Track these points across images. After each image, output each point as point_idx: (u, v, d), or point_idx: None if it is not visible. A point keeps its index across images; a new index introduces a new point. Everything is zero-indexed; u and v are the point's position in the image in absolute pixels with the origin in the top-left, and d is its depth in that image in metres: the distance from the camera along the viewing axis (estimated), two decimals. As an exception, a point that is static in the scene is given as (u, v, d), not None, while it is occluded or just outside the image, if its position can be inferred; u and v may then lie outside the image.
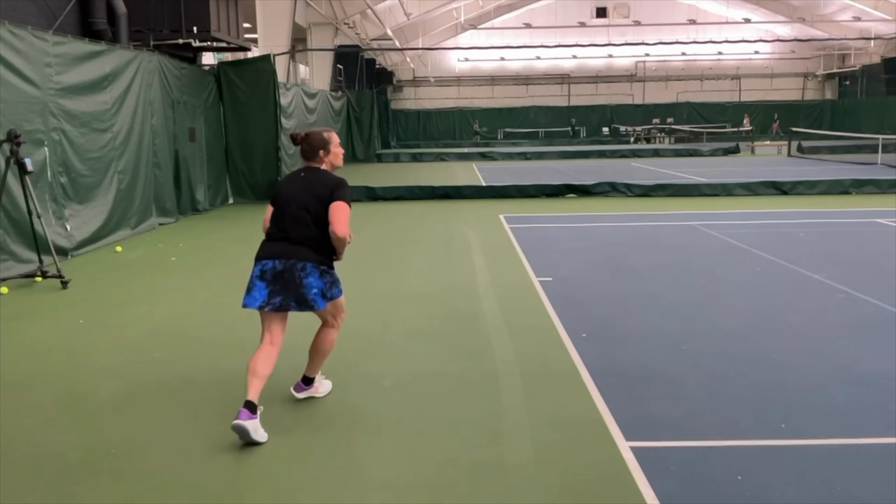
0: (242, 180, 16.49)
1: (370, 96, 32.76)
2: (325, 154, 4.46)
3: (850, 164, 24.23)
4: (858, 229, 11.51)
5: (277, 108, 16.54)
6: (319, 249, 4.32)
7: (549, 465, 3.81)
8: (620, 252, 9.73)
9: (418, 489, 3.60)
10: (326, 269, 4.37)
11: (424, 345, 5.88)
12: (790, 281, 7.90)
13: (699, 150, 32.32)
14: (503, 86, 50.34)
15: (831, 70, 49.31)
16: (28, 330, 6.57)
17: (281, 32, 22.14)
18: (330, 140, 4.48)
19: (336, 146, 4.50)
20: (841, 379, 4.93)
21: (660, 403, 4.56)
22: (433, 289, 7.70)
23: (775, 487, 3.52)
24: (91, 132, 10.57)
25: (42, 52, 9.45)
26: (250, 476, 3.77)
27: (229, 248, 10.80)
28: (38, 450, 4.09)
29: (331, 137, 4.51)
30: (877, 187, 16.36)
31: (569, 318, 6.46)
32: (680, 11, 47.80)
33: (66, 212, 9.82)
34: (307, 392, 4.74)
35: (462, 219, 12.94)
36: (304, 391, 4.73)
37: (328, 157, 4.47)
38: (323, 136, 4.48)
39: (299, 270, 4.24)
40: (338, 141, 4.54)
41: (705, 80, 49.68)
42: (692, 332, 6.06)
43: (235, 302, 7.43)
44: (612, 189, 16.60)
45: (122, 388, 5.05)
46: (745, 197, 15.91)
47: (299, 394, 4.73)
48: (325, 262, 4.35)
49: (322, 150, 4.45)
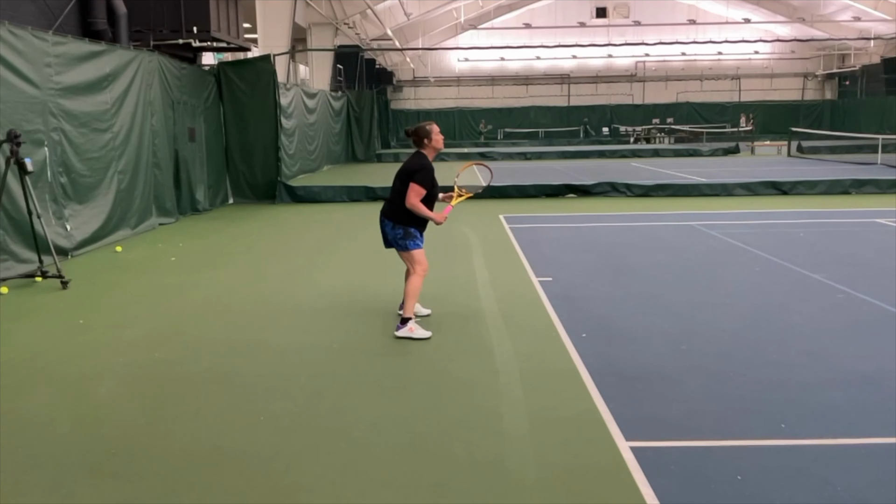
0: (242, 180, 16.50)
1: (370, 96, 32.74)
2: (429, 142, 6.07)
3: (850, 164, 24.24)
4: (858, 229, 11.51)
5: (277, 109, 16.55)
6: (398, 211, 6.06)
7: (548, 464, 3.81)
8: (620, 252, 9.74)
9: (418, 489, 3.60)
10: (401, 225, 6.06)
11: (424, 344, 5.87)
12: (790, 281, 7.90)
13: (699, 150, 32.33)
14: (503, 86, 50.35)
15: (831, 70, 49.32)
16: (28, 330, 6.57)
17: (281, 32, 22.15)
18: (431, 131, 6.08)
19: (436, 134, 6.09)
20: (840, 379, 4.93)
21: (659, 403, 4.57)
22: (433, 288, 7.69)
23: (774, 487, 3.52)
24: (91, 132, 10.58)
25: (42, 52, 9.45)
26: (250, 476, 3.77)
27: (229, 248, 10.80)
28: (37, 450, 4.09)
29: (432, 129, 6.10)
30: (877, 187, 16.37)
31: (568, 318, 6.46)
32: (680, 11, 47.81)
33: (65, 212, 9.82)
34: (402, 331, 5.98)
35: (462, 219, 12.94)
36: (401, 329, 5.99)
37: (431, 144, 6.08)
38: (426, 128, 6.09)
39: (383, 224, 6.19)
40: (437, 130, 6.12)
41: (705, 80, 49.69)
42: (692, 332, 6.07)
43: (235, 302, 7.46)
44: (611, 189, 16.60)
45: (121, 388, 5.05)
46: (745, 197, 15.92)
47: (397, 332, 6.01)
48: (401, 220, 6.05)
49: (426, 139, 6.05)
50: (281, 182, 16.50)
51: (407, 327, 5.97)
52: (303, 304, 7.31)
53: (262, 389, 4.96)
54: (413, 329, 5.95)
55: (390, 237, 6.14)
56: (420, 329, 5.99)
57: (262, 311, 7.05)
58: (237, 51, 17.64)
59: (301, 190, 16.59)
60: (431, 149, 6.08)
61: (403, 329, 5.97)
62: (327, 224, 13.15)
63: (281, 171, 16.76)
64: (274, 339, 6.13)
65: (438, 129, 6.12)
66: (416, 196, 5.93)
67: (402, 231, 6.04)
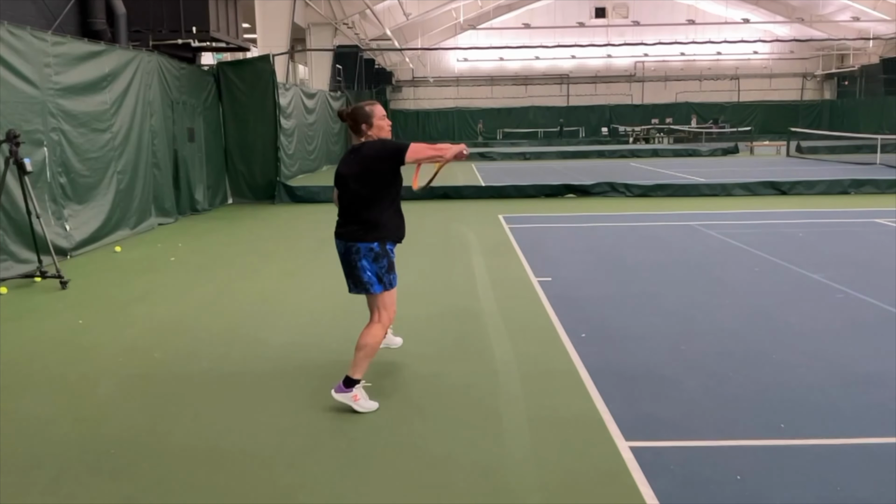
0: (241, 180, 16.49)
1: (369, 97, 32.77)
2: (368, 128, 4.56)
3: (849, 164, 24.25)
4: (857, 229, 11.51)
5: (276, 109, 16.54)
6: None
7: (548, 464, 3.81)
8: (620, 252, 9.74)
9: (418, 489, 3.60)
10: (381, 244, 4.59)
11: (424, 344, 5.88)
12: (789, 281, 7.90)
13: (698, 151, 32.32)
14: (502, 86, 50.37)
15: (830, 70, 49.36)
16: (27, 330, 6.57)
17: (280, 33, 22.15)
18: (372, 113, 4.58)
19: (379, 119, 4.58)
20: (840, 379, 4.93)
21: (659, 403, 4.57)
22: (432, 289, 7.70)
23: (774, 487, 3.52)
24: (90, 132, 10.57)
25: (41, 52, 9.44)
26: (250, 476, 3.77)
27: (228, 248, 10.80)
28: (37, 449, 4.09)
29: (373, 110, 4.59)
30: (876, 187, 16.37)
31: (568, 318, 6.46)
32: (679, 11, 47.84)
33: (65, 212, 9.82)
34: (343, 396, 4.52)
35: (461, 219, 12.95)
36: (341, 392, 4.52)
37: (371, 131, 4.57)
38: (365, 110, 4.58)
39: (348, 255, 4.61)
40: (382, 112, 4.62)
41: (704, 81, 49.70)
42: (691, 332, 6.07)
43: (235, 301, 7.46)
44: (611, 189, 16.60)
45: (121, 388, 5.05)
46: (744, 197, 15.93)
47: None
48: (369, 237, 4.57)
49: (364, 124, 4.56)
50: (280, 182, 16.50)
51: (351, 393, 4.48)
52: (302, 303, 7.31)
53: (262, 389, 4.96)
54: (357, 397, 4.49)
55: (370, 275, 4.53)
56: (365, 399, 4.53)
57: (261, 311, 7.05)
58: (236, 51, 17.63)
59: (300, 190, 16.59)
60: (374, 137, 4.58)
61: (345, 394, 4.48)
62: (327, 224, 13.07)
63: (280, 171, 16.76)
64: (274, 338, 6.13)
65: (382, 112, 4.63)
66: (418, 149, 4.43)
67: (387, 262, 4.59)
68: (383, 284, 4.57)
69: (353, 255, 4.52)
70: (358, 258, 4.51)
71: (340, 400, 4.50)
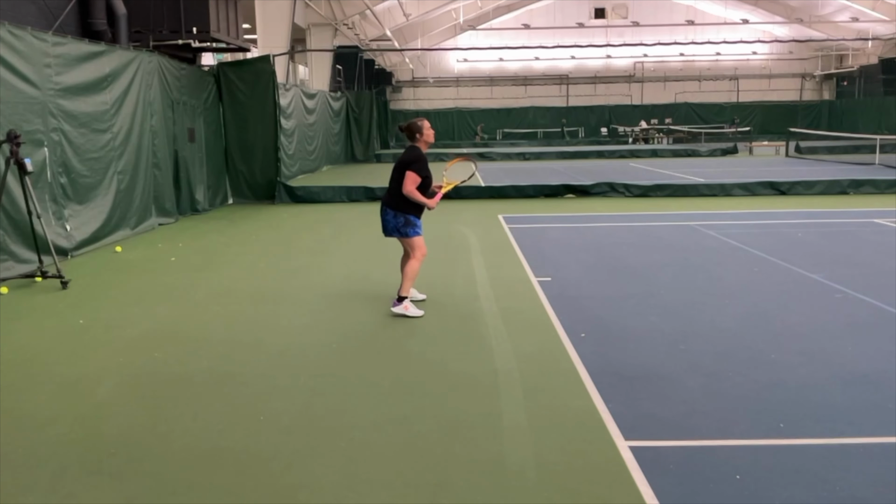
0: (242, 181, 16.50)
1: (369, 97, 32.73)
2: (421, 136, 6.67)
3: (848, 164, 24.27)
4: (856, 229, 11.52)
5: (277, 109, 16.55)
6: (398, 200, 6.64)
7: (548, 464, 3.82)
8: (619, 252, 9.75)
9: (418, 489, 3.61)
10: (402, 213, 6.62)
11: (424, 344, 5.89)
12: (788, 281, 7.91)
13: (697, 151, 32.34)
14: (502, 86, 50.38)
15: (829, 71, 49.38)
16: (28, 330, 6.58)
17: (280, 33, 22.14)
18: (422, 126, 6.69)
19: (427, 129, 6.70)
20: (839, 379, 4.94)
21: (658, 403, 4.58)
22: (432, 288, 7.70)
23: (773, 487, 3.53)
24: (91, 132, 10.58)
25: (42, 52, 9.45)
26: (250, 476, 3.77)
27: (228, 248, 10.80)
28: (37, 449, 4.10)
29: (423, 124, 6.70)
30: (875, 187, 16.39)
31: (567, 318, 6.48)
32: (678, 12, 47.85)
33: (65, 212, 9.83)
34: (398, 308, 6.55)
35: (461, 219, 12.96)
36: (396, 306, 6.56)
37: (423, 138, 6.68)
38: (417, 124, 6.68)
39: (383, 213, 6.73)
40: (428, 125, 6.74)
41: (703, 81, 49.72)
42: (690, 332, 6.08)
43: (234, 302, 7.46)
44: (610, 189, 16.62)
45: (121, 388, 5.06)
46: (744, 197, 15.94)
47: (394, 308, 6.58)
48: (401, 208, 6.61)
49: (418, 133, 6.66)
50: (280, 182, 16.51)
51: (402, 305, 6.54)
52: (302, 304, 7.32)
53: (262, 389, 4.97)
54: (408, 307, 6.54)
55: (391, 226, 6.68)
56: (414, 308, 6.58)
57: (261, 311, 7.06)
58: (237, 51, 17.64)
59: (300, 190, 16.59)
60: (423, 142, 6.68)
61: (399, 306, 6.55)
62: (327, 224, 13.15)
63: (280, 171, 16.76)
64: (273, 338, 6.14)
65: (429, 125, 6.78)
66: (413, 183, 6.48)
67: (403, 219, 6.61)
68: (403, 233, 6.67)
69: (385, 214, 6.69)
70: (386, 216, 6.68)
71: (397, 312, 6.53)
